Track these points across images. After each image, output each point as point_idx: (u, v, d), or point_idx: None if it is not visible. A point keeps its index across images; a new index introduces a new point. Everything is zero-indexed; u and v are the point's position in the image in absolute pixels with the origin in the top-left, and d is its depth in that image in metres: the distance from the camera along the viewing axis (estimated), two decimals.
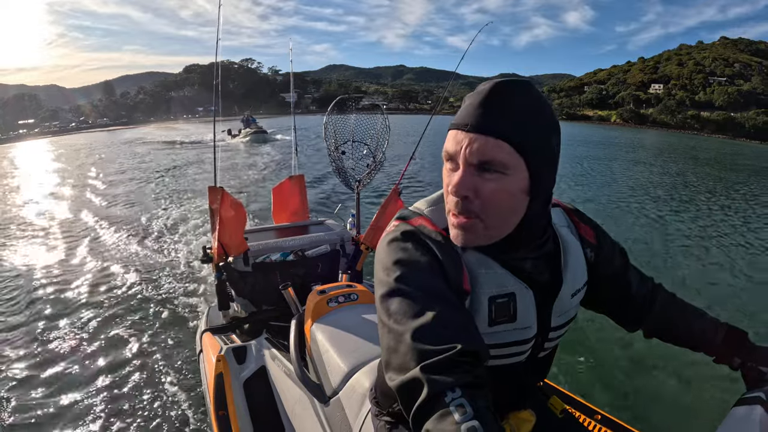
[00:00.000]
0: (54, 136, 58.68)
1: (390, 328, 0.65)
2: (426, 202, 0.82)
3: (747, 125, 65.51)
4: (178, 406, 2.76)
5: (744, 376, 0.90)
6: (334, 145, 2.85)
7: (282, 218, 3.31)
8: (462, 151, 0.68)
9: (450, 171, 0.71)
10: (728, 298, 4.63)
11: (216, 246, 2.38)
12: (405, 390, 0.59)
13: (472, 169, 0.68)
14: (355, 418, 1.20)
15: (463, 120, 0.69)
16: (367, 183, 2.92)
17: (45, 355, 3.39)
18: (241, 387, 1.95)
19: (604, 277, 0.91)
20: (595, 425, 1.65)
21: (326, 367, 1.43)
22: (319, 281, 2.52)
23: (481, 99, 0.68)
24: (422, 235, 0.73)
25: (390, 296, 0.67)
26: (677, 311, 0.98)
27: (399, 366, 0.61)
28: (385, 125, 2.85)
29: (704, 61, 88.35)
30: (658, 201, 9.87)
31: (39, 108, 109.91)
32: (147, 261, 5.48)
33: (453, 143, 0.70)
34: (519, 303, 0.76)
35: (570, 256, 0.83)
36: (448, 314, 0.64)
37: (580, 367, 3.28)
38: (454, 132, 0.70)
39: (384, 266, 0.71)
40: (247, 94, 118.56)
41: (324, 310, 1.67)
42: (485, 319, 0.74)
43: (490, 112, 0.67)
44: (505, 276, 0.75)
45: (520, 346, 0.80)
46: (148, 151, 21.76)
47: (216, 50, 2.74)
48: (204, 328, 2.52)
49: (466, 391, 0.55)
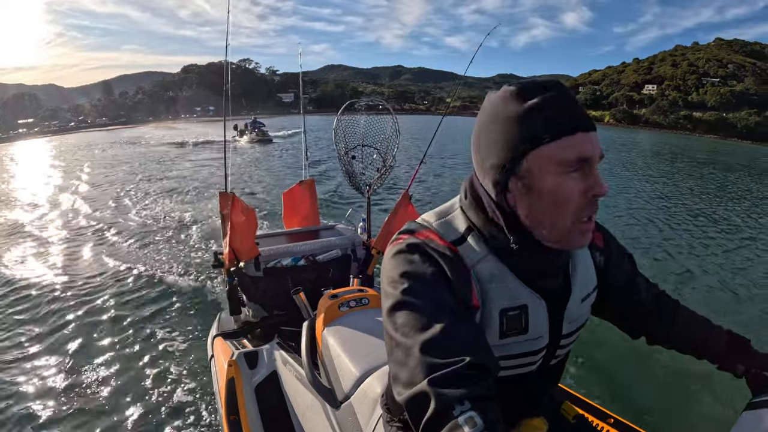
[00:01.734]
0: (54, 135, 58.65)
1: (397, 342, 0.64)
2: (434, 215, 0.81)
3: (739, 125, 66.47)
4: (190, 410, 2.81)
5: (749, 382, 0.90)
6: (344, 149, 2.87)
7: (293, 223, 3.33)
8: (596, 151, 0.67)
9: (575, 178, 0.67)
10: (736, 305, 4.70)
11: (227, 251, 2.41)
12: (413, 404, 0.58)
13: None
14: (367, 423, 1.20)
15: (584, 121, 0.67)
16: (377, 187, 2.92)
17: (55, 358, 3.47)
18: (253, 392, 1.97)
19: (613, 281, 0.92)
20: (608, 429, 1.64)
21: (338, 371, 1.43)
22: (331, 286, 2.47)
23: (573, 98, 0.69)
24: (429, 248, 0.72)
25: (397, 309, 0.67)
26: (681, 319, 0.97)
27: (407, 380, 0.60)
28: (395, 128, 2.85)
29: (698, 62, 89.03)
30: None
31: (38, 107, 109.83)
32: (159, 264, 5.52)
33: (589, 146, 0.67)
34: (531, 314, 0.75)
35: (579, 260, 0.83)
36: (456, 327, 0.64)
37: (588, 369, 3.31)
38: (582, 135, 0.66)
39: (390, 279, 0.71)
40: (245, 94, 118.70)
41: (335, 314, 1.66)
42: (496, 332, 0.74)
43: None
44: (517, 288, 0.75)
45: (531, 357, 0.79)
46: (162, 155, 20.65)
47: (225, 54, 2.77)
48: (215, 333, 2.54)
49: (475, 404, 0.55)
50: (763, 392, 0.84)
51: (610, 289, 0.92)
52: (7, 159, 24.45)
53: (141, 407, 2.85)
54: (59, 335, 3.84)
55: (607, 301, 0.94)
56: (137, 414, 2.80)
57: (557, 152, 0.66)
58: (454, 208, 0.81)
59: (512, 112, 0.68)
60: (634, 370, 3.33)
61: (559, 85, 0.68)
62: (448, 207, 0.82)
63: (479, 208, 0.76)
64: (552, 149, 0.66)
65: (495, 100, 0.71)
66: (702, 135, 65.25)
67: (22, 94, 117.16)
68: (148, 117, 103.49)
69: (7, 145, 42.56)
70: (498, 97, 0.71)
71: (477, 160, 0.76)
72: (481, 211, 0.76)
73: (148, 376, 3.20)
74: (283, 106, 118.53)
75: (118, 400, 2.94)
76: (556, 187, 0.67)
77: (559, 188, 0.67)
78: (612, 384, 3.16)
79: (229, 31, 2.75)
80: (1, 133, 73.55)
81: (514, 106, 0.68)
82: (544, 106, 0.66)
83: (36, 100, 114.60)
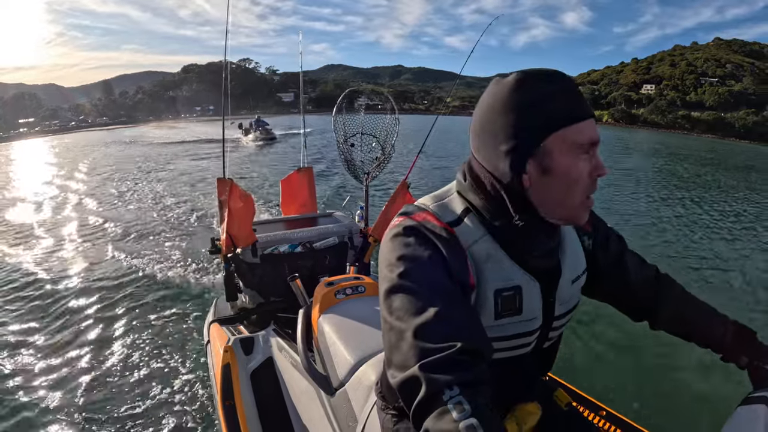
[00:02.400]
0: (55, 135, 58.77)
1: (392, 325, 0.66)
2: (431, 198, 0.83)
3: (737, 125, 66.53)
4: (185, 395, 2.83)
5: (750, 375, 0.90)
6: (344, 137, 2.89)
7: (290, 210, 3.34)
8: (598, 137, 0.73)
9: (584, 160, 0.72)
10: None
11: (224, 237, 2.41)
12: (405, 388, 0.60)
13: None
14: (361, 410, 1.21)
15: (590, 108, 0.72)
16: (376, 175, 2.94)
17: (52, 346, 3.52)
18: (248, 378, 1.98)
19: (603, 263, 0.95)
20: (600, 420, 1.66)
21: (333, 358, 1.44)
22: (327, 273, 2.52)
23: (576, 88, 0.73)
24: (425, 229, 0.74)
25: (393, 293, 0.68)
26: (685, 304, 0.99)
27: (400, 363, 0.62)
28: (395, 118, 2.88)
29: (696, 62, 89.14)
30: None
31: (39, 107, 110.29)
32: (157, 252, 5.63)
33: (593, 131, 0.72)
34: (525, 295, 0.78)
35: (567, 243, 0.86)
36: (451, 311, 0.65)
37: (584, 361, 3.38)
38: (587, 122, 0.71)
39: (387, 262, 0.72)
40: (245, 94, 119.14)
41: (331, 301, 1.67)
42: (491, 313, 0.76)
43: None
44: (511, 269, 0.77)
45: (525, 338, 0.82)
46: (163, 152, 20.71)
47: (225, 54, 2.78)
48: (212, 319, 2.54)
49: (464, 389, 0.56)
50: (763, 386, 0.84)
51: (600, 270, 0.95)
52: (10, 158, 24.71)
53: (137, 392, 2.89)
54: (59, 322, 3.93)
55: (599, 282, 0.97)
56: (133, 398, 2.83)
57: (573, 135, 0.70)
58: (451, 192, 0.84)
59: (528, 99, 0.71)
60: (625, 364, 3.37)
61: (564, 75, 0.73)
62: (444, 191, 0.85)
63: (480, 189, 0.78)
64: (569, 133, 0.70)
65: (507, 88, 0.73)
66: (700, 135, 65.38)
67: (23, 94, 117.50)
68: (149, 116, 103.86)
69: (7, 144, 42.67)
70: (509, 85, 0.73)
71: (482, 145, 0.78)
72: (482, 192, 0.78)
73: (143, 361, 3.24)
74: (282, 105, 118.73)
75: (112, 384, 2.98)
76: (570, 167, 0.71)
77: (573, 168, 0.71)
78: (603, 377, 3.21)
79: (228, 30, 2.73)
80: (2, 133, 73.79)
81: (530, 94, 0.71)
82: (560, 93, 0.71)
83: (36, 100, 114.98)
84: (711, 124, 70.12)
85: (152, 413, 2.72)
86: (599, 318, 3.81)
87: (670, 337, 1.02)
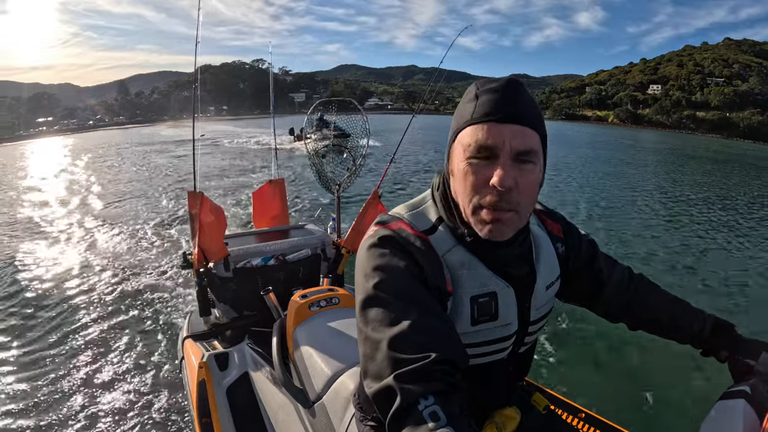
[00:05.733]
0: (73, 134, 60.34)
1: (367, 336, 0.65)
2: (406, 207, 0.83)
3: (742, 125, 66.69)
4: (161, 414, 2.74)
5: (731, 368, 0.89)
6: (314, 149, 2.90)
7: (262, 223, 3.29)
8: (506, 143, 0.67)
9: (480, 166, 0.68)
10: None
11: (196, 251, 2.35)
12: (380, 398, 0.60)
13: (511, 161, 0.68)
14: (340, 422, 1.19)
15: (495, 112, 0.68)
16: (347, 187, 2.92)
17: (23, 359, 3.39)
18: (225, 394, 1.95)
19: (576, 268, 0.95)
20: (579, 422, 1.65)
21: (309, 371, 1.42)
22: (301, 286, 2.42)
23: (508, 91, 0.69)
24: (401, 239, 0.73)
25: (368, 303, 0.68)
26: (660, 302, 0.98)
27: (375, 374, 0.62)
28: (365, 128, 2.87)
29: (704, 62, 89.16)
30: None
31: (56, 106, 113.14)
32: (130, 264, 5.43)
33: (489, 135, 0.67)
34: (500, 301, 0.77)
35: (541, 250, 0.86)
36: (426, 321, 0.65)
37: (561, 364, 3.35)
38: (485, 125, 0.68)
39: (364, 272, 0.71)
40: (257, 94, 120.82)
41: (306, 314, 1.65)
42: (468, 319, 0.76)
43: (523, 103, 0.69)
44: (486, 275, 0.77)
45: (502, 343, 0.81)
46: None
47: (195, 61, 2.74)
48: (186, 335, 2.49)
49: (439, 399, 0.56)
50: (743, 380, 0.83)
51: (575, 274, 0.95)
52: (33, 153, 25.32)
53: (110, 412, 2.79)
54: (29, 335, 3.78)
55: (576, 286, 0.97)
56: (106, 418, 2.73)
57: (464, 137, 0.70)
58: (426, 200, 0.84)
59: (461, 104, 0.74)
60: (605, 365, 3.40)
61: (510, 83, 0.70)
62: (419, 200, 0.85)
63: (444, 200, 0.80)
64: (462, 135, 0.71)
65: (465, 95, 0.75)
66: (704, 134, 65.43)
67: (41, 94, 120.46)
68: (163, 116, 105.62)
69: (27, 142, 43.50)
70: (466, 92, 0.75)
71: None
72: (446, 203, 0.80)
73: (117, 380, 3.11)
74: (294, 105, 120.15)
75: (84, 403, 2.87)
76: (460, 170, 0.71)
77: (462, 171, 0.71)
78: (581, 379, 3.20)
79: (198, 41, 2.69)
80: (23, 131, 76.28)
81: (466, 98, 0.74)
82: (483, 96, 0.70)
83: (53, 100, 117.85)
84: (716, 124, 70.29)
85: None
86: (576, 321, 3.90)
87: (648, 336, 1.01)
